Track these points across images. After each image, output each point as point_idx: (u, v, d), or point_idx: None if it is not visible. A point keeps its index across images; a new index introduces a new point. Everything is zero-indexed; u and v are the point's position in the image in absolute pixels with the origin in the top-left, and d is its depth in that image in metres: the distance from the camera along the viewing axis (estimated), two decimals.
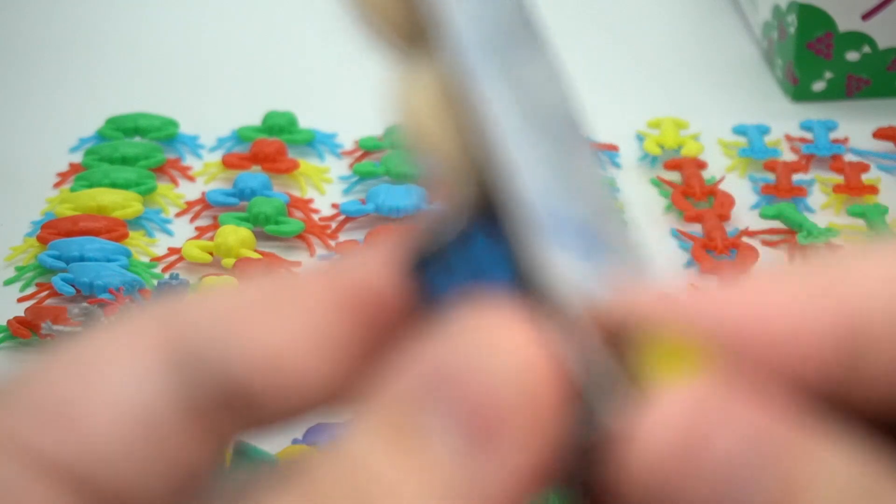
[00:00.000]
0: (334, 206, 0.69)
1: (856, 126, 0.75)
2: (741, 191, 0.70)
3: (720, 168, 0.72)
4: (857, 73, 0.77)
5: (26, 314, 0.59)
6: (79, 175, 0.69)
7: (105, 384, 0.22)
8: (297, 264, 0.64)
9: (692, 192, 0.69)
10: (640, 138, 0.74)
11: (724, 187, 0.70)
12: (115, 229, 0.65)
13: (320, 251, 0.66)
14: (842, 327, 0.20)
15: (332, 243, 0.66)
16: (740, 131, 0.75)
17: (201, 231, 0.67)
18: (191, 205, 0.69)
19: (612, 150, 0.73)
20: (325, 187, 0.70)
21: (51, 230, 0.64)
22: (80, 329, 0.54)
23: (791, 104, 0.78)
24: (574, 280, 0.21)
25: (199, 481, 0.22)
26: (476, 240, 0.21)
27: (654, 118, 0.75)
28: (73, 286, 0.60)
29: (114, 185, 0.68)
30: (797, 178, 0.71)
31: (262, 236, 0.66)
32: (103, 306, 0.57)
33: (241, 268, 0.62)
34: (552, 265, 0.21)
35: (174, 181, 0.71)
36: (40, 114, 0.77)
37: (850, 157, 0.73)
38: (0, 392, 0.22)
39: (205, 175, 0.71)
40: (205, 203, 0.68)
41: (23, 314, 0.59)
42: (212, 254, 0.64)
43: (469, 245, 0.21)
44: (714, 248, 0.65)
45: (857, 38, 0.76)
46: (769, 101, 0.78)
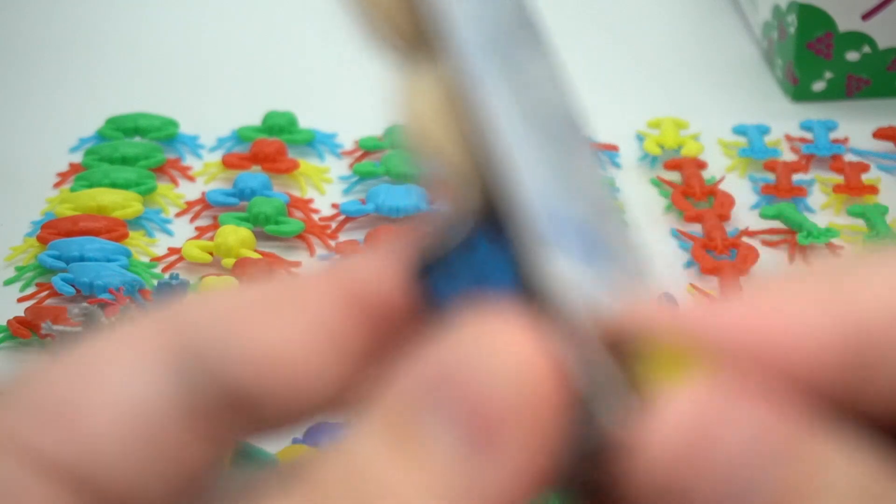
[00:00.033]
0: (334, 206, 0.69)
1: (856, 126, 0.75)
2: (741, 191, 0.70)
3: (720, 168, 0.72)
4: (857, 73, 0.77)
5: (26, 314, 0.59)
6: (79, 175, 0.69)
7: (107, 385, 0.22)
8: (297, 264, 0.64)
9: (692, 192, 0.69)
10: (640, 138, 0.74)
11: (724, 187, 0.70)
12: (115, 229, 0.65)
13: (320, 251, 0.66)
14: (847, 335, 0.20)
15: (332, 243, 0.66)
16: (740, 131, 0.75)
17: (201, 231, 0.67)
18: (191, 205, 0.69)
19: (612, 150, 0.72)
20: (325, 187, 0.70)
21: (51, 230, 0.64)
22: (80, 329, 0.54)
23: (791, 104, 0.78)
24: (576, 285, 0.21)
25: (200, 483, 0.22)
26: (479, 245, 0.21)
27: (654, 118, 0.75)
28: (73, 286, 0.60)
29: (114, 185, 0.68)
30: (797, 178, 0.71)
31: (262, 236, 0.66)
32: (103, 306, 0.57)
33: (241, 268, 0.62)
34: (554, 270, 0.21)
35: (174, 181, 0.71)
36: (40, 114, 0.77)
37: (850, 157, 0.73)
38: (1, 392, 0.22)
39: (205, 175, 0.71)
40: (205, 203, 0.68)
41: (23, 314, 0.59)
42: (212, 254, 0.64)
43: (472, 250, 0.21)
44: (714, 248, 0.65)
45: (857, 38, 0.76)
46: (769, 101, 0.78)
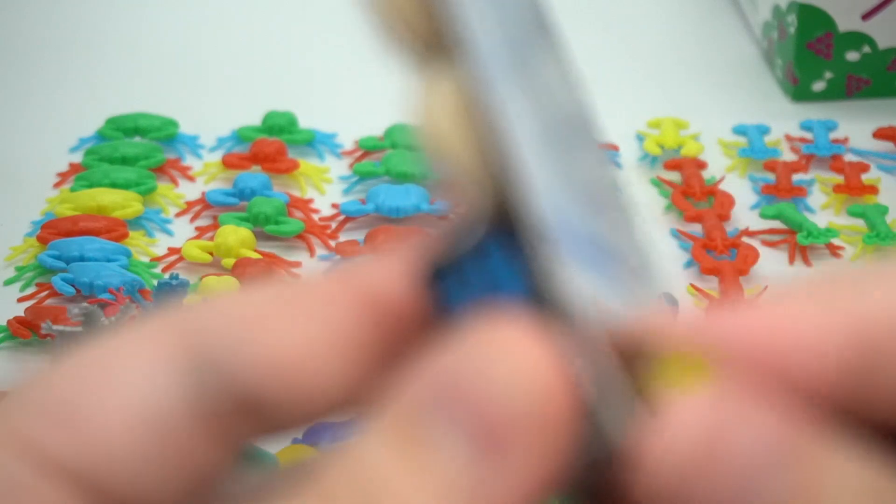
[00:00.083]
0: (334, 206, 0.69)
1: (856, 126, 0.75)
2: (741, 191, 0.70)
3: (720, 168, 0.72)
4: (857, 73, 0.77)
5: (26, 314, 0.59)
6: (79, 175, 0.69)
7: (118, 387, 0.22)
8: (297, 264, 0.64)
9: (692, 192, 0.69)
10: (640, 138, 0.74)
11: (724, 187, 0.70)
12: (115, 229, 0.65)
13: (320, 251, 0.66)
14: (852, 343, 0.20)
15: (332, 243, 0.66)
16: (740, 131, 0.75)
17: (201, 231, 0.67)
18: (191, 205, 0.69)
19: (612, 150, 0.73)
20: (325, 187, 0.70)
21: (51, 230, 0.64)
22: (80, 329, 0.54)
23: (791, 104, 0.78)
24: (587, 294, 0.21)
25: (209, 485, 0.22)
26: (492, 251, 0.21)
27: (654, 118, 0.75)
28: (73, 286, 0.60)
29: (114, 185, 0.68)
30: (797, 178, 0.71)
31: (262, 236, 0.66)
32: (103, 306, 0.57)
33: (241, 268, 0.62)
34: (565, 278, 0.21)
35: (174, 181, 0.71)
36: (40, 114, 0.77)
37: (850, 157, 0.73)
38: (13, 392, 0.22)
39: (205, 175, 0.71)
40: (205, 203, 0.68)
41: (23, 314, 0.59)
42: (212, 254, 0.64)
43: (485, 256, 0.21)
44: (714, 248, 0.65)
45: (857, 38, 0.76)
46: (769, 101, 0.78)
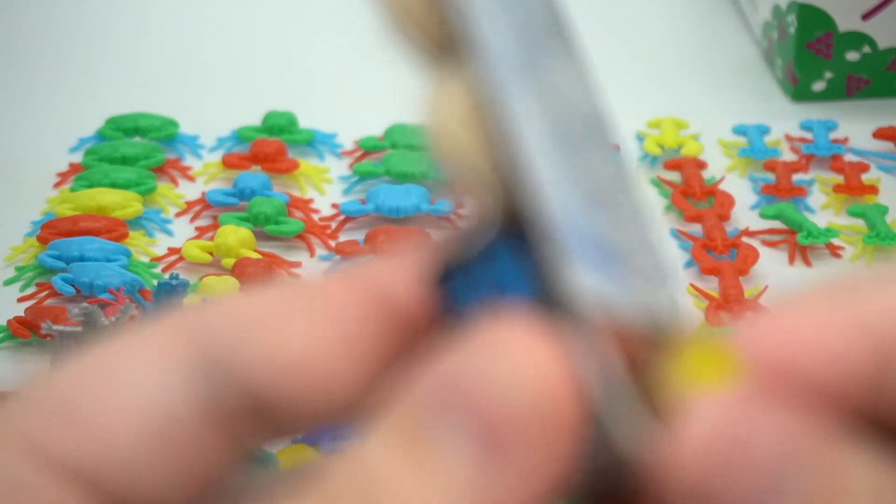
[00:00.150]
0: (334, 206, 0.69)
1: (856, 126, 0.75)
2: (741, 191, 0.70)
3: (720, 168, 0.72)
4: (857, 73, 0.77)
5: (26, 314, 0.59)
6: (79, 175, 0.69)
7: (126, 388, 0.22)
8: (297, 264, 0.64)
9: (692, 192, 0.69)
10: (640, 138, 0.74)
11: (724, 187, 0.70)
12: (115, 229, 0.65)
13: (320, 251, 0.66)
14: (868, 349, 0.21)
15: (332, 243, 0.66)
16: (740, 131, 0.75)
17: (201, 231, 0.67)
18: (191, 205, 0.69)
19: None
20: (325, 187, 0.70)
21: (51, 230, 0.64)
22: (80, 329, 0.54)
23: (791, 104, 0.78)
24: (595, 297, 0.21)
25: (214, 486, 0.22)
26: (501, 254, 0.21)
27: (654, 118, 0.75)
28: (73, 286, 0.60)
29: (114, 185, 0.68)
30: (797, 178, 0.71)
31: (262, 236, 0.66)
32: (103, 306, 0.57)
33: (241, 268, 0.62)
34: (575, 282, 0.21)
35: (174, 181, 0.71)
36: (40, 114, 0.77)
37: (850, 157, 0.73)
38: (17, 393, 0.22)
39: (205, 175, 0.71)
40: (205, 203, 0.68)
41: (23, 314, 0.59)
42: (212, 254, 0.64)
43: (493, 259, 0.21)
44: (714, 248, 0.65)
45: (857, 38, 0.76)
46: (769, 101, 0.78)
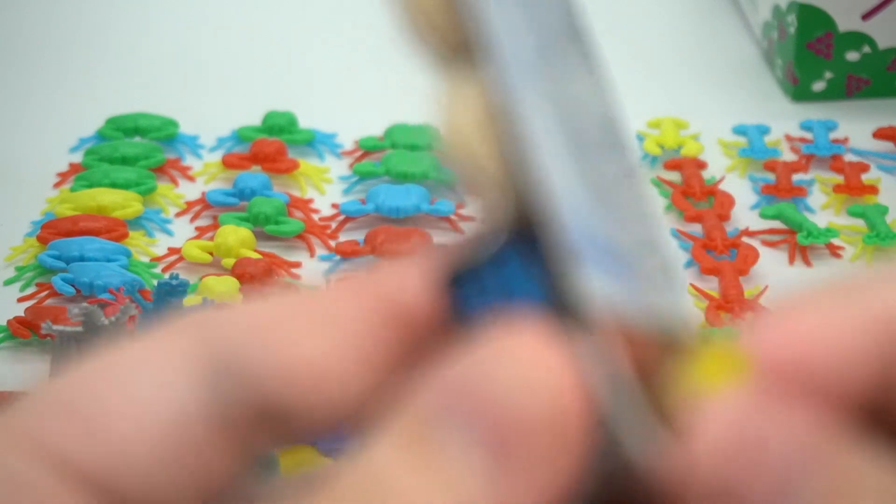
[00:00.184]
0: (334, 206, 0.69)
1: (856, 126, 0.75)
2: (741, 191, 0.70)
3: (720, 168, 0.72)
4: (857, 73, 0.77)
5: (26, 314, 0.59)
6: (79, 175, 0.69)
7: (137, 393, 0.22)
8: (297, 264, 0.64)
9: (692, 192, 0.69)
10: (640, 138, 0.74)
11: (724, 187, 0.70)
12: (115, 229, 0.65)
13: (320, 251, 0.66)
14: (875, 348, 0.21)
15: (332, 243, 0.66)
16: (740, 131, 0.75)
17: (201, 231, 0.67)
18: (191, 205, 0.69)
19: None
20: (325, 187, 0.70)
21: (51, 230, 0.64)
22: (80, 329, 0.54)
23: (791, 104, 0.78)
24: (607, 304, 0.21)
25: (223, 492, 0.22)
26: (510, 260, 0.21)
27: (654, 118, 0.75)
28: (73, 286, 0.60)
29: (114, 185, 0.68)
30: (797, 178, 0.71)
31: (262, 236, 0.66)
32: (103, 306, 0.57)
33: (241, 268, 0.62)
34: (586, 288, 0.21)
35: (174, 181, 0.71)
36: (40, 114, 0.77)
37: (850, 157, 0.73)
38: (30, 395, 0.22)
39: (205, 175, 0.71)
40: (205, 203, 0.68)
41: (23, 314, 0.59)
42: (212, 254, 0.64)
43: (503, 266, 0.21)
44: (714, 248, 0.65)
45: (857, 38, 0.76)
46: (769, 101, 0.78)
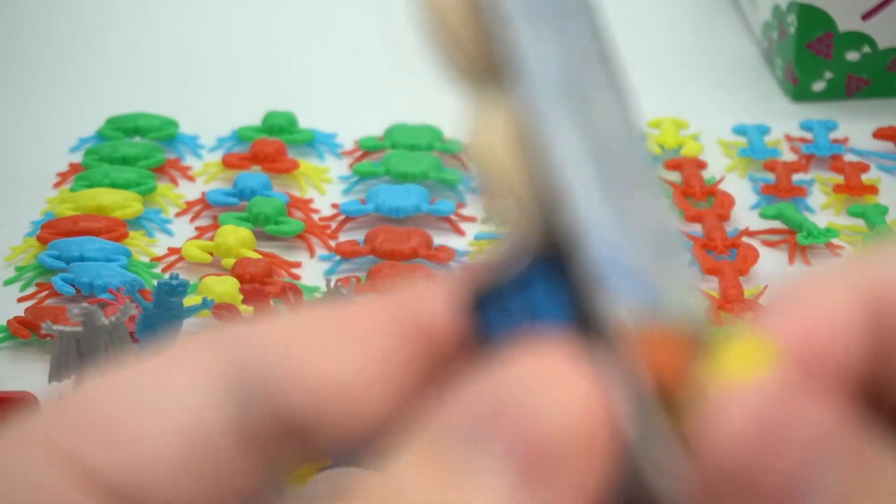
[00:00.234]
0: (334, 206, 0.69)
1: (856, 126, 0.75)
2: (741, 191, 0.70)
3: (720, 168, 0.72)
4: (857, 73, 0.77)
5: (26, 314, 0.59)
6: (79, 175, 0.69)
7: (161, 404, 0.22)
8: (297, 264, 0.64)
9: (692, 192, 0.69)
10: None
11: (724, 187, 0.70)
12: (115, 229, 0.65)
13: (320, 251, 0.66)
14: (871, 319, 0.21)
15: (332, 243, 0.66)
16: (740, 131, 0.75)
17: (201, 231, 0.67)
18: (191, 205, 0.69)
19: None
20: (325, 187, 0.70)
21: (51, 230, 0.64)
22: (80, 329, 0.54)
23: (791, 104, 0.78)
24: (632, 327, 0.21)
25: None
26: (536, 281, 0.21)
27: (654, 118, 0.75)
28: (73, 286, 0.60)
29: (114, 185, 0.68)
30: (797, 178, 0.71)
31: (262, 236, 0.66)
32: (103, 306, 0.57)
33: (241, 268, 0.62)
34: (612, 312, 0.21)
35: (174, 181, 0.71)
36: (40, 114, 0.77)
37: (850, 157, 0.73)
38: (55, 404, 0.22)
39: (205, 175, 0.71)
40: (205, 203, 0.68)
41: (23, 314, 0.59)
42: (212, 254, 0.64)
43: (528, 286, 0.21)
44: (714, 248, 0.65)
45: (857, 38, 0.76)
46: (769, 101, 0.78)
